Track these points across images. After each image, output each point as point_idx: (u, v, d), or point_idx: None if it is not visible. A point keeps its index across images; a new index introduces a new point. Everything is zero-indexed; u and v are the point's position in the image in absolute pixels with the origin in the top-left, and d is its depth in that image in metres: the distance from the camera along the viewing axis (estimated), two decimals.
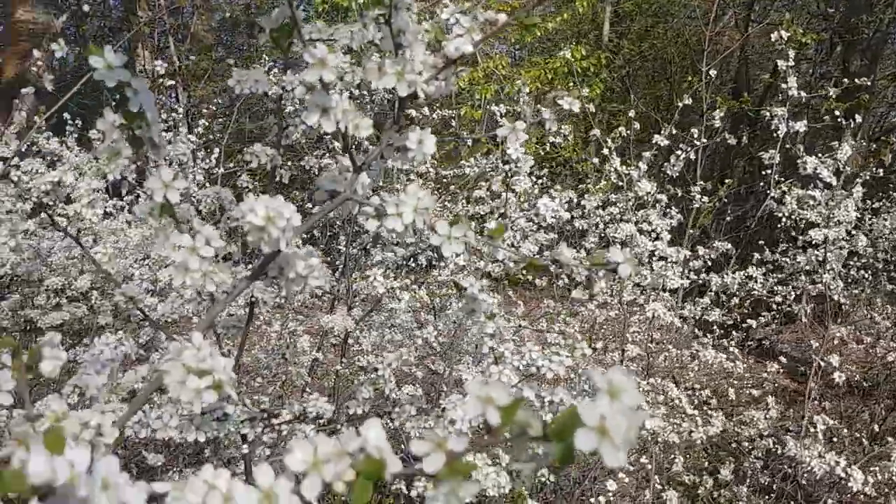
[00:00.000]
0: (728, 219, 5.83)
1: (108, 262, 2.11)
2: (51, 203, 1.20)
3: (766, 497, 2.68)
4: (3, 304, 3.07)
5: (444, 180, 3.97)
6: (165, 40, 9.52)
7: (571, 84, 5.53)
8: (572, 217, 3.46)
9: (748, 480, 2.77)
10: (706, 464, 3.03)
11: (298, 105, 1.28)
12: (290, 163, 3.14)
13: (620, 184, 2.73)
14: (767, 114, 3.13)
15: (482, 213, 3.61)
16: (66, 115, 4.05)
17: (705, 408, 2.26)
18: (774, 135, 2.79)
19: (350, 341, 2.92)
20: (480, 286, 1.09)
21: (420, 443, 0.44)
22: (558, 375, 1.24)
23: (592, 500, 2.01)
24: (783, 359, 3.17)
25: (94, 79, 0.66)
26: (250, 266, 1.02)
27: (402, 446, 1.77)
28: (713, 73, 3.56)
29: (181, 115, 4.11)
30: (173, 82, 9.07)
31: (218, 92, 9.64)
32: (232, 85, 1.16)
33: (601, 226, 3.02)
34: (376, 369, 1.36)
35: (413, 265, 3.46)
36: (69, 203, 2.79)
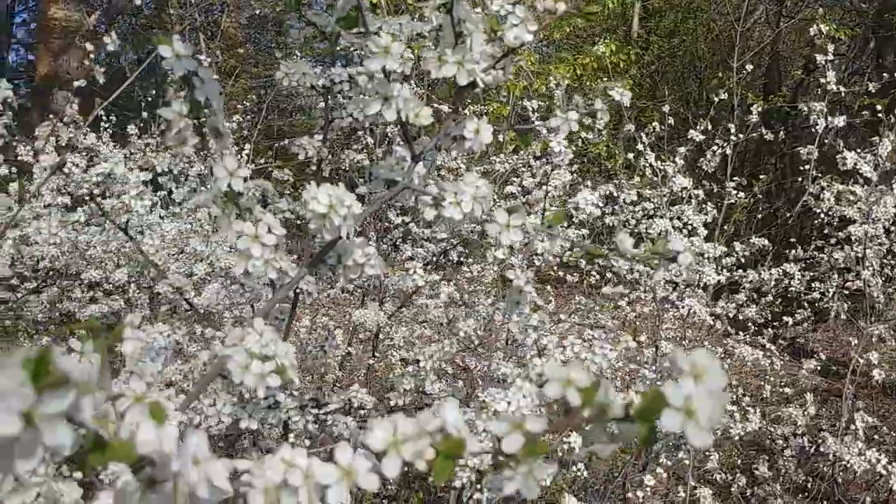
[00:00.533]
0: (759, 217, 5.77)
1: (156, 253, 2.14)
2: (100, 195, 1.22)
3: (801, 496, 2.65)
4: (41, 297, 3.12)
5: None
6: (196, 37, 9.61)
7: (606, 78, 5.52)
8: (603, 213, 3.45)
9: (782, 479, 2.75)
10: (739, 462, 3.01)
11: (343, 99, 1.29)
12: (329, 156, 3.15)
13: (655, 179, 2.71)
14: (802, 110, 3.09)
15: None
16: (100, 112, 4.11)
17: (742, 404, 2.24)
18: (812, 130, 2.76)
19: (381, 336, 2.93)
20: (526, 278, 1.09)
21: (498, 423, 0.44)
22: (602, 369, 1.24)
23: (629, 494, 2.01)
24: (817, 357, 3.13)
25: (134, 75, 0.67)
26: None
27: None
28: (748, 67, 3.52)
29: None
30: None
31: (247, 89, 9.71)
32: (279, 77, 1.18)
33: (633, 221, 3.00)
34: (417, 361, 1.37)
35: (444, 261, 3.47)
36: (104, 197, 2.84)
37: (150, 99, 4.57)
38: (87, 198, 1.19)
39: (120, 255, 3.10)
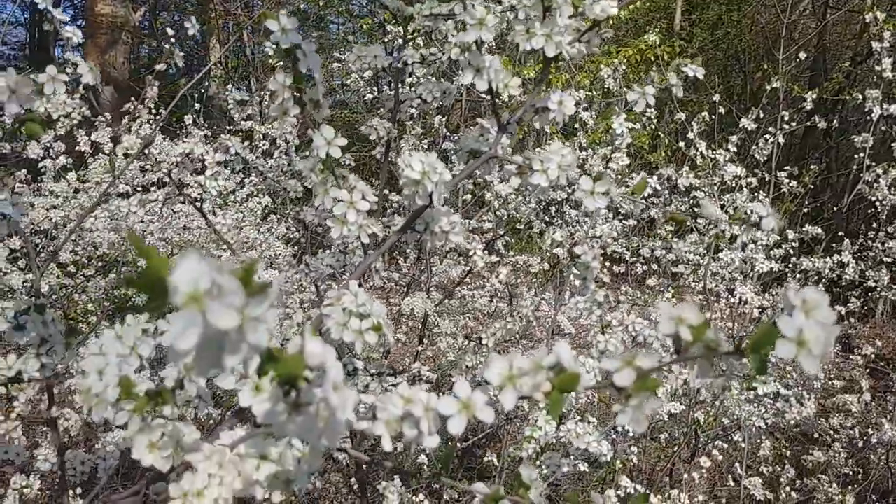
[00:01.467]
0: (806, 210, 5.71)
1: (228, 232, 2.20)
2: (179, 175, 1.27)
3: (851, 487, 2.64)
4: (102, 282, 3.22)
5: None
6: (239, 33, 9.75)
7: (654, 70, 5.49)
8: (647, 206, 3.45)
9: (831, 470, 2.73)
10: (787, 453, 3.00)
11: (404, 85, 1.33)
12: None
13: (705, 168, 2.71)
14: (850, 101, 3.04)
15: (559, 199, 3.63)
16: (151, 105, 4.23)
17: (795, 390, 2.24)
18: (867, 118, 2.73)
19: (428, 323, 2.97)
20: (594, 254, 1.12)
21: (612, 361, 0.47)
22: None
23: (686, 475, 2.02)
24: (863, 353, 3.11)
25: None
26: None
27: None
28: (801, 56, 3.49)
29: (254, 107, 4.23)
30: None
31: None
32: (352, 61, 1.22)
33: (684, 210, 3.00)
34: (480, 338, 1.40)
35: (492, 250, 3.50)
36: (155, 189, 2.92)
37: (203, 91, 4.67)
38: (166, 177, 1.24)
39: (173, 243, 3.19)
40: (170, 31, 1.73)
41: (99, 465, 1.28)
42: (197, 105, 3.90)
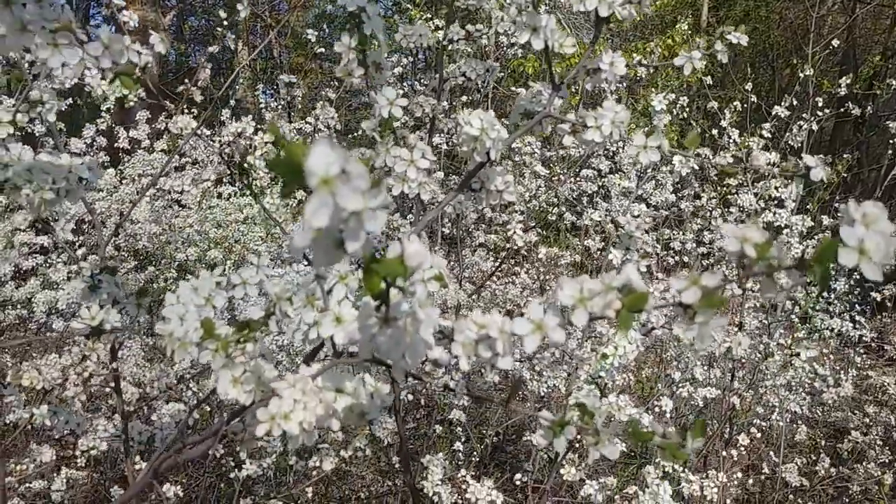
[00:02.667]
0: (836, 205, 5.67)
1: (276, 211, 2.25)
2: (231, 156, 1.32)
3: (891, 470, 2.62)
4: (140, 276, 3.30)
5: (550, 163, 4.01)
6: (267, 35, 9.86)
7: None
8: (678, 198, 3.47)
9: (866, 458, 2.72)
10: (823, 443, 2.99)
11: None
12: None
13: (739, 156, 2.71)
14: (877, 95, 3.03)
15: (590, 191, 3.66)
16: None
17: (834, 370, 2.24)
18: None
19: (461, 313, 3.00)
20: (637, 224, 1.15)
21: (678, 280, 0.50)
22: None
23: (725, 452, 2.04)
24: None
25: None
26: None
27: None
28: (834, 43, 3.47)
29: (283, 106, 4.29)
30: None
31: (315, 85, 9.91)
32: (399, 39, 1.26)
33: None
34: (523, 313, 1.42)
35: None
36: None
37: (231, 93, 4.75)
38: (223, 157, 1.28)
39: (210, 239, 3.26)
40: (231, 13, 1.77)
41: (156, 435, 1.33)
42: (232, 102, 3.98)
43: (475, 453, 2.57)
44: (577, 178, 3.49)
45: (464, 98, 3.30)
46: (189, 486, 2.15)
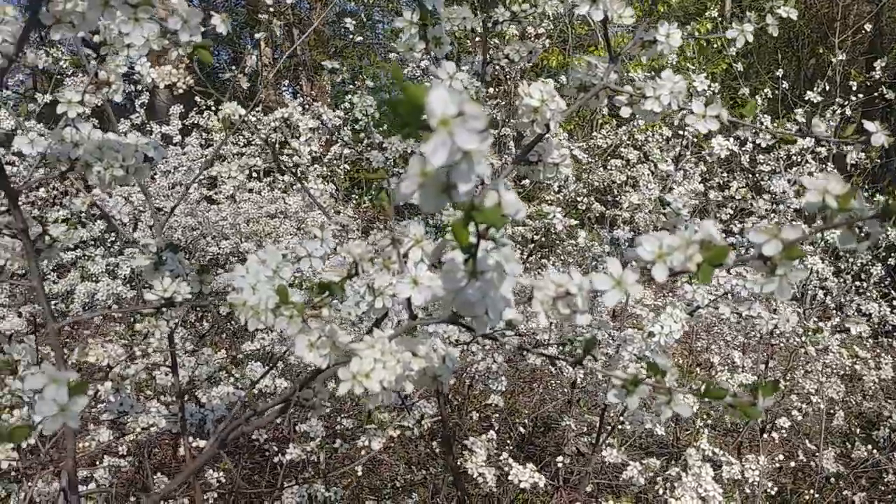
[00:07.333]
0: (865, 196, 5.61)
1: (321, 196, 2.28)
2: (276, 142, 1.34)
3: None
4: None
5: (574, 156, 4.01)
6: (289, 33, 9.92)
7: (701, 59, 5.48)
8: (707, 190, 3.46)
9: None
10: (858, 431, 2.97)
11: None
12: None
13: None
14: None
15: (617, 181, 3.66)
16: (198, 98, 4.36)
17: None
18: None
19: None
20: (684, 201, 1.15)
21: (758, 233, 0.51)
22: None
23: (765, 435, 2.04)
24: None
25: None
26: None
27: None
28: (866, 28, 3.44)
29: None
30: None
31: (336, 83, 9.95)
32: (443, 21, 1.27)
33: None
34: None
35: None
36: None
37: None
38: (267, 144, 1.31)
39: (241, 234, 3.29)
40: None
41: (207, 416, 1.36)
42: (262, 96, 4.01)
43: (508, 444, 2.58)
44: (607, 168, 3.49)
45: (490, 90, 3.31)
46: (230, 472, 2.19)
